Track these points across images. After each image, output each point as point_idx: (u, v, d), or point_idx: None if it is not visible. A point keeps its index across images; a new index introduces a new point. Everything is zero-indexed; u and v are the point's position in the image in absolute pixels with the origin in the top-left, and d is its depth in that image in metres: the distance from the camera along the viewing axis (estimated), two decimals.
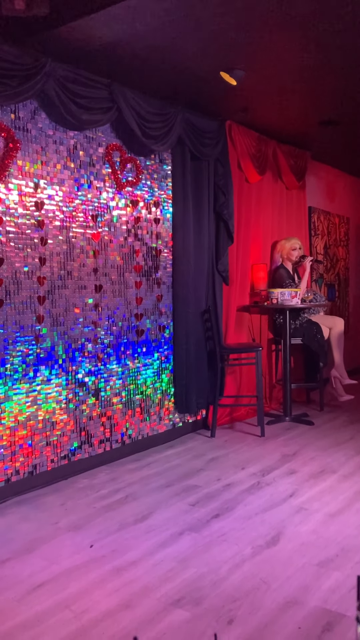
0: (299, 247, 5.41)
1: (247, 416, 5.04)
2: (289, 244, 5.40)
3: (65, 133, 3.59)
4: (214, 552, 2.58)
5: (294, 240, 5.42)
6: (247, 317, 5.24)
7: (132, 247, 4.09)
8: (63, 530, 2.86)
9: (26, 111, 3.36)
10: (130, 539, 2.75)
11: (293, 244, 5.39)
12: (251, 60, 3.53)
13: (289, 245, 5.39)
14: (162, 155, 4.34)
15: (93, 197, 3.78)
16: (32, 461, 3.40)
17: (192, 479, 3.57)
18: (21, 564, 2.52)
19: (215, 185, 4.69)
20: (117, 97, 3.63)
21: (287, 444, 4.29)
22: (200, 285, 4.60)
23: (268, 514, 3.01)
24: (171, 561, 2.51)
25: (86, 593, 2.26)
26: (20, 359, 3.33)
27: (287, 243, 5.41)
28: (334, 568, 2.42)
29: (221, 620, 2.05)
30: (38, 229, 3.42)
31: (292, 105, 4.45)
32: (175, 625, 2.02)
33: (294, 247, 5.38)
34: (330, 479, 3.53)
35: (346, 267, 7.24)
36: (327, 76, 3.82)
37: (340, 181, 7.04)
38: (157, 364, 4.33)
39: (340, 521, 2.90)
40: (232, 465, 3.83)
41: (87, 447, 3.75)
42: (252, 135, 5.02)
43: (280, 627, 2.00)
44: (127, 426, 4.06)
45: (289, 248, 5.38)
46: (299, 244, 5.41)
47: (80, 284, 3.70)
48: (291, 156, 5.59)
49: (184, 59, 3.47)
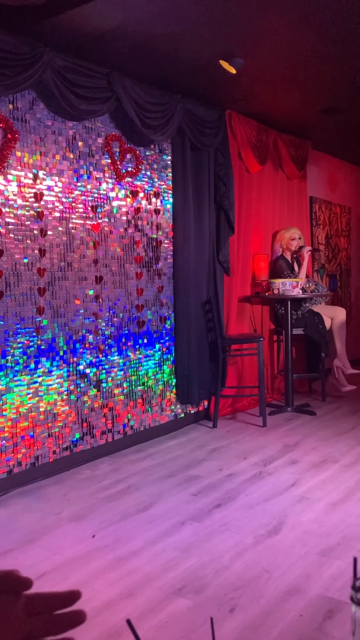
0: (299, 237, 5.40)
1: (249, 407, 5.04)
2: (288, 234, 5.39)
3: (64, 123, 3.57)
4: (215, 542, 2.59)
5: (293, 230, 5.41)
6: (249, 308, 5.23)
7: (133, 238, 4.08)
8: (65, 521, 2.87)
9: (24, 101, 3.33)
10: (132, 529, 2.75)
11: (292, 234, 5.37)
12: (251, 49, 3.51)
13: (288, 235, 5.38)
14: (162, 146, 4.32)
15: (93, 187, 3.77)
16: (34, 452, 3.41)
17: (194, 469, 3.57)
18: (24, 554, 2.53)
19: (215, 175, 4.67)
20: (116, 87, 3.61)
21: (289, 434, 4.29)
22: (201, 276, 4.59)
23: (270, 503, 3.01)
24: (173, 550, 2.51)
25: (88, 582, 2.26)
26: (21, 351, 3.33)
27: (287, 233, 5.40)
28: (335, 556, 2.42)
29: (223, 608, 2.06)
30: (37, 220, 3.41)
31: (292, 94, 4.41)
32: (177, 614, 2.03)
33: (293, 237, 5.37)
34: (332, 468, 3.53)
35: (348, 257, 7.22)
36: (327, 64, 3.79)
37: (342, 171, 7.01)
38: (158, 355, 4.33)
39: (342, 510, 2.90)
40: (234, 455, 3.84)
41: (88, 438, 3.75)
42: (252, 124, 4.99)
43: (282, 615, 2.01)
44: (128, 417, 4.06)
45: (288, 238, 5.37)
46: (298, 234, 5.40)
47: (80, 276, 3.69)
48: (292, 146, 5.56)
49: (182, 47, 3.44)
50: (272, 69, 3.87)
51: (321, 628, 1.92)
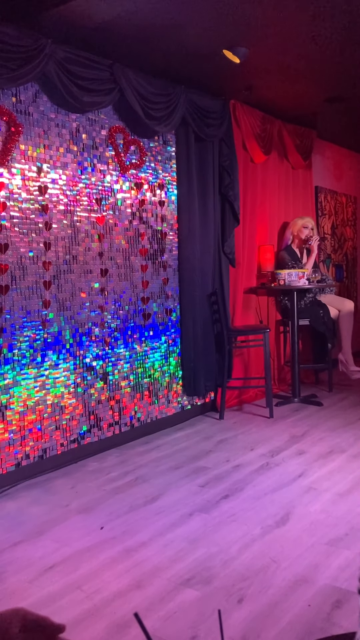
0: (311, 227, 5.39)
1: (256, 398, 5.04)
2: (302, 221, 5.38)
3: (67, 116, 3.55)
4: (223, 532, 2.60)
5: (307, 219, 5.41)
6: (255, 299, 5.22)
7: (137, 230, 4.07)
8: (73, 513, 2.88)
9: (27, 94, 3.32)
10: (140, 520, 2.76)
11: (305, 222, 5.37)
12: (255, 38, 3.47)
13: (301, 222, 5.38)
14: (166, 137, 4.30)
15: (97, 180, 3.76)
16: (42, 445, 3.42)
17: (201, 461, 3.58)
18: (33, 546, 2.54)
19: (220, 166, 4.65)
20: (119, 78, 3.59)
21: (296, 425, 4.29)
22: (206, 268, 4.58)
23: (277, 494, 3.02)
24: (181, 541, 2.52)
25: (97, 574, 2.28)
26: (27, 344, 3.34)
27: (300, 220, 5.40)
28: (343, 547, 2.42)
29: (231, 599, 2.07)
30: (42, 214, 3.41)
31: (297, 83, 4.38)
32: (185, 605, 2.04)
33: (306, 225, 5.37)
34: (339, 459, 3.53)
35: (354, 247, 7.18)
36: (332, 52, 3.75)
37: (347, 160, 6.96)
38: (164, 347, 4.33)
39: (350, 500, 2.90)
40: (241, 446, 3.84)
41: (96, 430, 3.77)
42: (256, 114, 4.96)
43: (290, 605, 2.01)
44: (135, 409, 4.07)
45: (301, 225, 5.37)
46: (311, 224, 5.40)
47: (85, 269, 3.69)
48: (297, 135, 5.52)
49: (186, 37, 3.42)
50: (276, 58, 3.84)
51: (329, 618, 1.93)
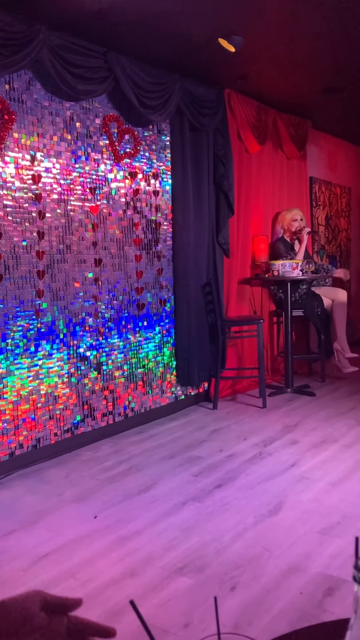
0: (300, 218, 5.38)
1: (249, 388, 5.06)
2: (290, 214, 5.37)
3: (61, 104, 3.53)
4: (216, 521, 2.61)
5: (295, 211, 5.39)
6: (249, 290, 5.23)
7: (132, 220, 4.06)
8: (67, 502, 2.89)
9: (21, 82, 3.29)
10: (134, 509, 2.78)
11: (294, 215, 5.35)
12: (250, 26, 3.45)
13: (289, 216, 5.36)
14: (161, 126, 4.28)
15: (91, 169, 3.74)
16: (36, 435, 3.43)
17: (194, 450, 3.59)
18: (27, 535, 2.55)
19: (214, 155, 4.63)
20: (114, 66, 3.56)
21: (289, 415, 4.31)
22: (200, 258, 4.57)
23: (270, 483, 3.04)
24: (175, 530, 2.54)
25: (91, 562, 2.29)
26: (21, 334, 3.33)
27: (288, 214, 5.38)
28: (335, 535, 2.44)
29: (224, 587, 2.08)
30: (36, 203, 3.39)
31: (292, 73, 4.35)
32: (179, 592, 2.06)
33: (295, 218, 5.35)
34: (332, 448, 3.55)
35: (348, 238, 7.19)
36: (328, 42, 3.73)
37: (342, 150, 6.95)
38: (158, 337, 4.33)
39: (342, 489, 2.93)
40: (234, 436, 3.86)
41: (90, 420, 3.77)
42: (251, 104, 4.94)
43: (283, 593, 2.03)
44: (129, 399, 4.07)
45: (290, 219, 5.35)
46: (300, 215, 5.38)
47: (79, 258, 3.68)
48: (292, 125, 5.50)
49: (181, 25, 3.39)
50: (272, 47, 3.82)
51: (321, 605, 1.95)
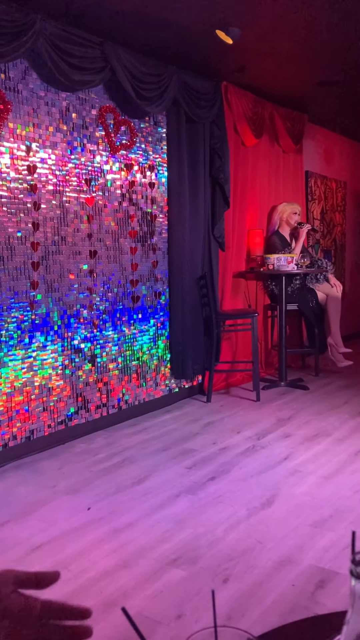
0: (299, 214, 5.39)
1: (243, 381, 5.07)
2: (291, 207, 5.37)
3: (57, 94, 3.50)
4: (210, 514, 2.62)
5: (295, 205, 5.42)
6: (243, 283, 5.23)
7: (127, 212, 4.04)
8: (61, 494, 2.90)
9: (16, 71, 3.26)
10: (127, 501, 2.78)
11: (294, 208, 5.37)
12: (247, 18, 3.43)
13: (290, 208, 5.36)
14: (157, 118, 4.26)
15: (86, 160, 3.72)
16: (29, 427, 3.42)
17: (188, 443, 3.60)
18: (20, 526, 2.56)
19: (211, 148, 4.61)
20: (110, 57, 3.53)
21: (282, 409, 4.32)
22: (196, 251, 4.57)
23: (263, 476, 3.05)
24: (168, 522, 2.55)
25: (84, 554, 2.29)
26: (15, 325, 3.32)
27: (289, 206, 5.38)
28: (327, 528, 2.46)
29: (217, 578, 2.09)
30: (31, 194, 3.37)
31: (289, 65, 4.34)
32: (171, 584, 2.07)
33: (295, 212, 5.37)
34: (325, 442, 3.57)
35: (343, 233, 7.19)
36: (325, 35, 3.72)
37: (338, 145, 6.94)
38: (153, 330, 4.33)
39: (334, 483, 2.94)
40: (228, 429, 3.87)
41: (83, 412, 3.77)
42: (248, 97, 4.92)
43: (275, 585, 2.04)
44: (123, 392, 4.07)
45: (290, 211, 5.35)
46: (299, 210, 5.40)
47: (74, 250, 3.67)
48: (288, 119, 5.49)
49: (178, 15, 3.36)
50: (269, 40, 3.80)
51: (313, 597, 1.96)
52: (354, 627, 0.54)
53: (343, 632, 0.55)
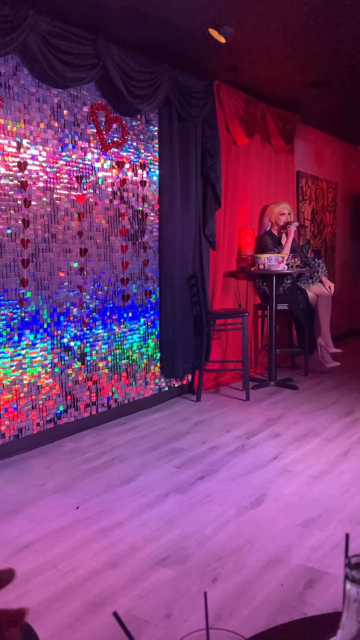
0: (288, 212, 5.39)
1: (233, 381, 5.07)
2: (278, 208, 5.38)
3: (48, 91, 3.48)
4: (199, 513, 2.62)
5: (283, 205, 5.40)
6: (234, 283, 5.23)
7: (118, 210, 4.03)
8: (49, 492, 2.88)
9: (8, 67, 3.24)
10: (116, 500, 2.77)
11: (282, 209, 5.37)
12: (241, 17, 3.43)
13: (277, 209, 5.37)
14: (149, 116, 4.24)
15: (78, 157, 3.70)
16: (18, 425, 3.40)
17: (177, 442, 3.60)
18: (8, 525, 2.54)
19: (202, 147, 4.61)
20: (103, 54, 3.52)
21: (272, 408, 4.33)
22: (187, 250, 4.56)
23: (252, 475, 3.05)
24: (157, 521, 2.54)
25: (72, 553, 2.28)
26: (4, 323, 3.30)
27: (276, 207, 5.39)
28: (316, 528, 2.46)
29: (206, 578, 2.09)
30: (21, 190, 3.35)
31: (282, 65, 4.34)
32: (160, 584, 2.06)
33: (282, 212, 5.36)
34: (314, 442, 3.58)
35: (333, 233, 7.22)
36: (318, 36, 3.72)
37: (329, 145, 6.96)
38: (143, 329, 4.32)
39: (323, 483, 2.95)
40: (218, 428, 3.87)
41: (73, 410, 3.75)
42: (240, 96, 4.92)
43: (264, 584, 2.04)
44: (113, 390, 4.06)
45: (277, 213, 5.36)
46: (288, 209, 5.40)
47: (64, 247, 3.65)
48: (280, 119, 5.50)
49: (172, 13, 3.35)
50: (262, 40, 3.80)
51: (301, 597, 1.96)
52: (349, 631, 0.53)
53: (338, 636, 0.54)
